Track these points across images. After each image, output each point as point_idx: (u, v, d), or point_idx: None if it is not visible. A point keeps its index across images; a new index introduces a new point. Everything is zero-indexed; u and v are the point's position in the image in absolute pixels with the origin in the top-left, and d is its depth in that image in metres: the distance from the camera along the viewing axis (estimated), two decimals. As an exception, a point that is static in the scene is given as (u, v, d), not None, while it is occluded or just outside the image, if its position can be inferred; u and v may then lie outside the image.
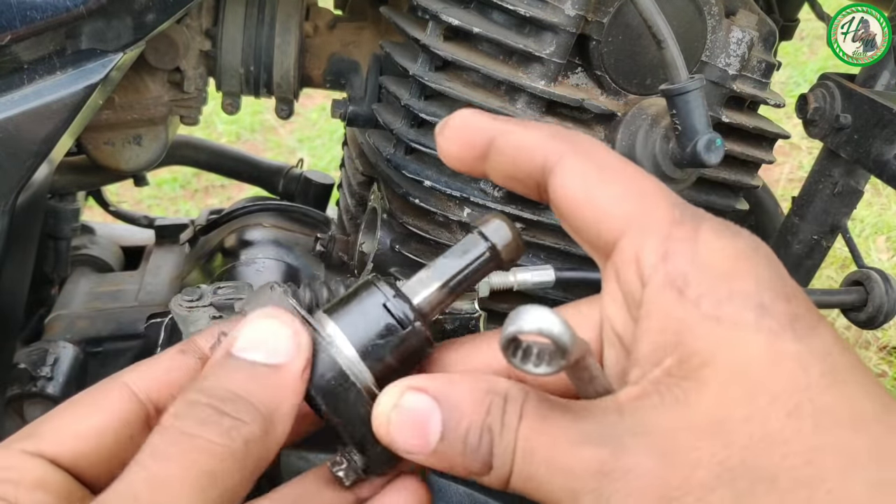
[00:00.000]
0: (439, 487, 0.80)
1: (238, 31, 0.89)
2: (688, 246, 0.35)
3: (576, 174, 0.37)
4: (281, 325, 0.38)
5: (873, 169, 0.80)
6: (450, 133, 0.40)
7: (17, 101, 0.61)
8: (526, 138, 0.39)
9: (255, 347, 0.38)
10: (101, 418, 0.40)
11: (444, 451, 0.36)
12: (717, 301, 0.33)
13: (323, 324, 0.41)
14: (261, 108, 3.14)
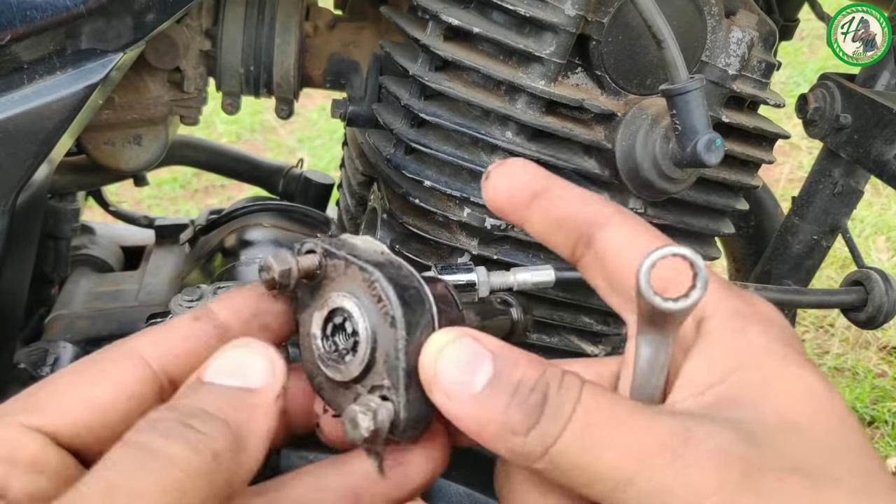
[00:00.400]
0: (439, 487, 0.80)
1: (238, 31, 0.89)
2: (743, 296, 0.38)
3: (626, 228, 0.40)
4: (253, 352, 0.37)
5: (873, 169, 0.80)
6: (509, 171, 0.42)
7: (17, 101, 0.61)
8: (583, 194, 0.41)
9: (228, 373, 0.37)
10: (109, 390, 0.37)
11: (488, 396, 0.34)
12: (771, 339, 0.36)
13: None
14: (261, 108, 3.15)
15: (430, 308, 0.39)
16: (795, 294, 0.82)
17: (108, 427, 0.37)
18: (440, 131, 0.73)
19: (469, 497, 0.80)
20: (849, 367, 2.09)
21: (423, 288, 0.39)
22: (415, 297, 0.39)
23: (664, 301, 0.32)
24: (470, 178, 0.73)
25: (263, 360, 0.37)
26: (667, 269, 0.32)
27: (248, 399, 0.36)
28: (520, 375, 0.34)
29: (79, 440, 0.36)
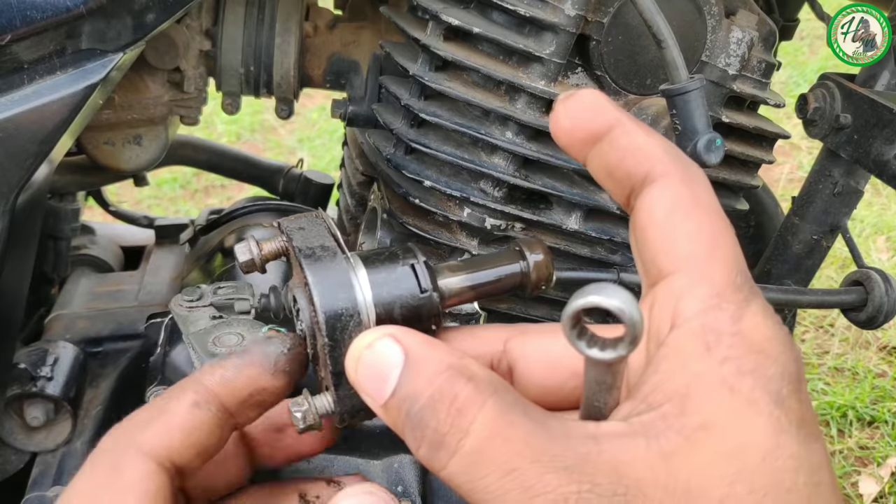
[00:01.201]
0: (439, 487, 0.80)
1: (238, 31, 0.89)
2: (734, 309, 0.34)
3: (669, 195, 0.36)
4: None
5: (873, 169, 0.80)
6: (573, 106, 0.39)
7: (17, 101, 0.61)
8: (644, 143, 0.38)
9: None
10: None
11: (392, 407, 0.35)
12: (739, 372, 0.32)
13: (355, 262, 0.42)
14: (261, 108, 3.15)
15: (362, 309, 0.40)
16: (795, 294, 0.82)
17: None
18: (440, 131, 0.73)
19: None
20: (849, 367, 2.10)
21: (354, 291, 0.40)
22: (344, 302, 0.40)
23: (588, 349, 0.31)
24: (470, 178, 0.73)
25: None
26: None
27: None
28: (417, 387, 0.34)
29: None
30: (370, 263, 0.42)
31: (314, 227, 0.43)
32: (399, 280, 0.42)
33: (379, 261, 0.42)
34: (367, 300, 0.40)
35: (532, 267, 0.43)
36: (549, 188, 0.71)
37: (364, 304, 0.40)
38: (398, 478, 0.78)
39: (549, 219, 0.73)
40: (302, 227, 0.43)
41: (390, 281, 0.41)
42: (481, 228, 0.73)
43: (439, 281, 0.43)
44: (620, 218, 0.75)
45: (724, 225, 0.37)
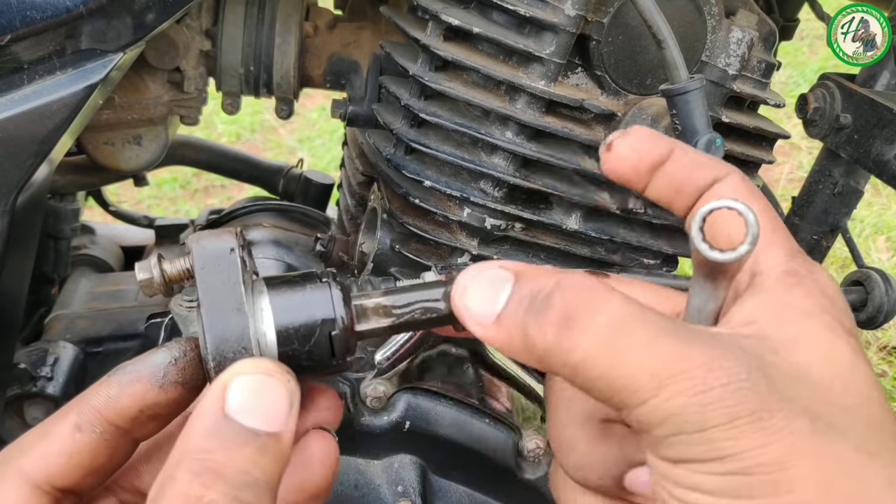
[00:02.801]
0: (439, 487, 0.80)
1: (238, 31, 0.89)
2: (807, 264, 0.39)
3: (733, 187, 0.41)
4: (279, 385, 0.36)
5: (873, 169, 0.80)
6: (635, 140, 0.42)
7: (17, 101, 0.61)
8: (702, 157, 0.43)
9: (253, 411, 0.35)
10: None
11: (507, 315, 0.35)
12: (819, 306, 0.37)
13: (258, 295, 0.39)
14: (261, 108, 3.15)
15: (253, 338, 0.38)
16: (795, 294, 0.82)
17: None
18: (440, 131, 0.73)
19: (469, 497, 0.80)
20: (849, 367, 2.09)
21: (247, 319, 0.38)
22: (235, 330, 0.38)
23: (710, 250, 0.33)
24: (470, 178, 0.73)
25: (286, 395, 0.36)
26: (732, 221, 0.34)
27: (277, 448, 0.35)
28: (538, 285, 0.35)
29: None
30: (277, 288, 0.40)
31: (222, 246, 0.40)
32: (306, 310, 0.39)
33: (287, 288, 0.40)
34: (261, 329, 0.38)
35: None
36: (549, 188, 0.71)
37: (260, 332, 0.38)
38: (398, 478, 0.78)
39: (549, 219, 0.73)
40: (207, 247, 0.40)
41: (296, 310, 0.39)
42: (481, 228, 0.73)
43: (358, 328, 0.40)
44: (620, 218, 0.75)
45: (776, 215, 0.42)
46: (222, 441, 0.34)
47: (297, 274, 0.41)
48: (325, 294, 0.40)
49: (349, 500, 0.77)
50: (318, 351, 0.39)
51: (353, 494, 0.77)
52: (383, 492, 0.77)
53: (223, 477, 0.33)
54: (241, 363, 0.36)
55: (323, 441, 0.42)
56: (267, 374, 0.36)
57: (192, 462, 0.33)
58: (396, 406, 0.78)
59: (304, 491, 0.41)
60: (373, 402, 0.77)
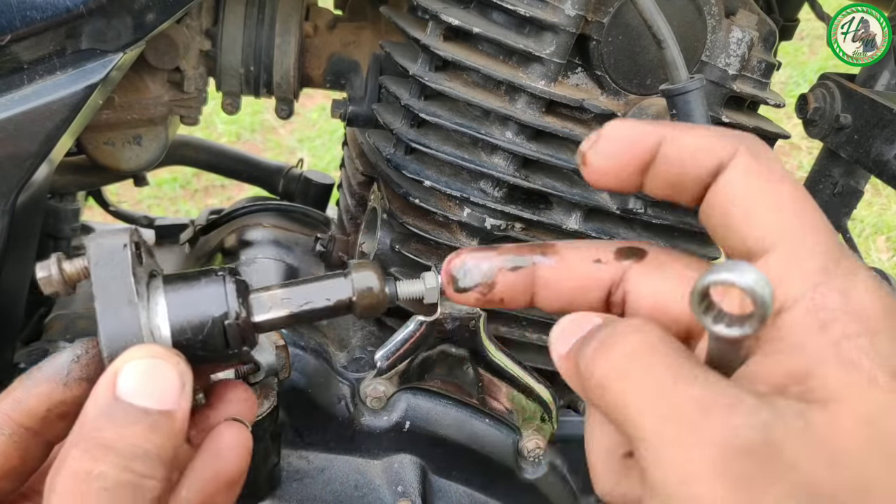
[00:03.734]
0: (439, 487, 0.80)
1: (238, 31, 0.89)
2: (843, 284, 0.32)
3: (740, 171, 0.35)
4: (169, 367, 0.37)
5: (873, 169, 0.80)
6: (607, 146, 0.37)
7: (17, 101, 0.61)
8: (699, 140, 0.36)
9: (143, 392, 0.36)
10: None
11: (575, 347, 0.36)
12: (858, 349, 0.31)
13: (154, 290, 0.41)
14: (261, 108, 3.15)
15: (146, 337, 0.39)
16: (795, 294, 0.82)
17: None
18: (440, 131, 0.73)
19: (469, 497, 0.80)
20: (849, 367, 2.09)
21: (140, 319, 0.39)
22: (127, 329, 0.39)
23: (714, 324, 0.30)
24: (470, 178, 0.73)
25: (176, 376, 0.37)
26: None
27: (170, 425, 0.36)
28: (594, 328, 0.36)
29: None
30: (173, 283, 0.41)
31: (115, 243, 0.41)
32: (200, 303, 0.40)
33: (183, 282, 0.41)
34: (155, 321, 0.40)
35: (359, 301, 0.42)
36: (549, 188, 0.71)
37: (153, 325, 0.40)
38: (398, 478, 0.78)
39: (549, 219, 0.73)
40: (101, 244, 0.41)
41: (190, 303, 0.40)
42: (481, 228, 0.73)
43: (256, 318, 0.42)
44: (620, 218, 0.75)
45: (802, 192, 0.35)
46: (113, 420, 0.35)
47: (195, 270, 0.42)
48: (219, 287, 0.41)
49: (349, 500, 0.77)
50: (212, 341, 0.41)
51: (353, 494, 0.77)
52: (383, 492, 0.77)
53: (113, 450, 0.34)
54: (132, 349, 0.38)
55: (234, 430, 0.43)
56: (156, 358, 0.37)
57: (83, 441, 0.35)
58: (396, 406, 0.78)
59: (219, 479, 0.42)
60: (373, 402, 0.77)
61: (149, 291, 0.41)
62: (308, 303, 0.43)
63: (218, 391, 0.45)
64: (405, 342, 0.74)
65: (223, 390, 0.45)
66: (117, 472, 0.34)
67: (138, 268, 0.41)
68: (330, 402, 0.78)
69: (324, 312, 0.43)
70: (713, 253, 0.81)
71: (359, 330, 0.86)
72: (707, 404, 0.30)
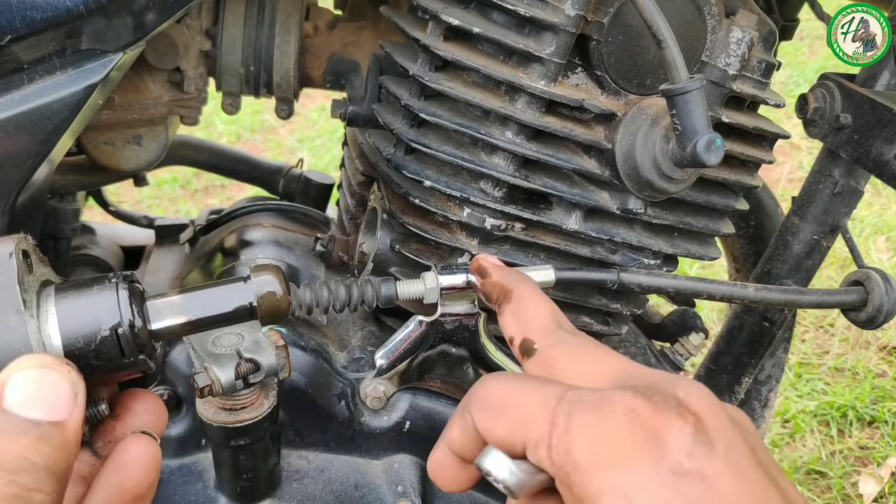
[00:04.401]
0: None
1: (238, 31, 0.89)
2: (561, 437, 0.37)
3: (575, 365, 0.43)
4: (59, 377, 0.36)
5: (873, 169, 0.80)
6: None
7: (17, 101, 0.61)
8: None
9: (33, 404, 0.35)
10: None
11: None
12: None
13: (45, 299, 0.40)
14: (261, 108, 3.15)
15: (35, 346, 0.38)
16: (795, 294, 0.82)
17: None
18: (440, 131, 0.72)
19: (469, 497, 0.80)
20: (849, 367, 2.10)
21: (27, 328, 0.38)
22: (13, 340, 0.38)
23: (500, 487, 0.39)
24: (470, 179, 0.73)
25: (67, 386, 0.36)
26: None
27: (61, 436, 0.35)
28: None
29: None
30: (65, 292, 0.40)
31: (3, 253, 0.40)
32: (91, 311, 0.39)
33: (75, 291, 0.40)
34: (45, 331, 0.38)
35: (261, 305, 0.42)
36: (549, 188, 0.71)
37: (44, 335, 0.38)
38: (398, 478, 0.78)
39: (549, 219, 0.73)
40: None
41: (81, 312, 0.39)
42: (481, 228, 0.73)
43: (154, 325, 0.41)
44: (620, 218, 0.75)
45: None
46: (0, 433, 0.34)
47: (88, 278, 0.41)
48: (111, 295, 0.40)
49: (349, 500, 0.76)
50: (105, 350, 0.40)
51: (353, 494, 0.77)
52: (383, 492, 0.77)
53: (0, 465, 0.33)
54: (20, 360, 0.37)
55: (140, 443, 0.43)
56: (45, 367, 0.36)
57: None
58: (396, 406, 0.78)
59: (125, 492, 0.41)
60: (373, 402, 0.77)
61: (39, 300, 0.39)
62: (206, 309, 0.42)
63: (124, 401, 0.44)
64: (405, 342, 0.74)
65: (130, 400, 0.44)
66: (2, 486, 0.33)
67: (27, 276, 0.39)
68: (330, 402, 0.77)
69: (224, 318, 0.42)
70: (713, 253, 0.81)
71: (359, 330, 0.86)
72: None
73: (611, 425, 0.34)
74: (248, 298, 0.42)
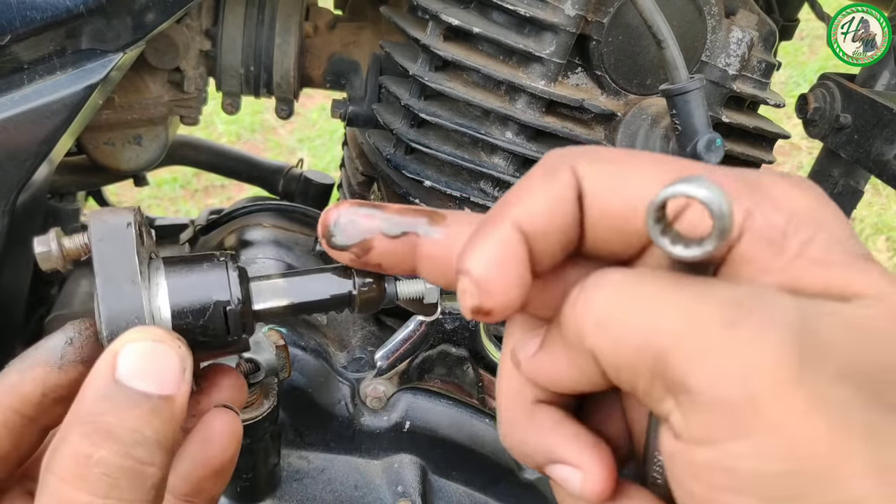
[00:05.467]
0: (439, 487, 0.80)
1: (238, 31, 0.89)
2: (769, 198, 0.30)
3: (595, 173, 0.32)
4: (170, 350, 0.36)
5: (873, 169, 0.80)
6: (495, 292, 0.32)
7: (17, 101, 0.61)
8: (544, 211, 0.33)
9: (144, 376, 0.35)
10: None
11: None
12: (822, 248, 0.30)
13: (155, 271, 0.40)
14: (261, 108, 3.15)
15: (147, 317, 0.38)
16: (795, 294, 0.82)
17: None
18: (440, 131, 0.73)
19: (469, 497, 0.80)
20: (849, 367, 2.09)
21: (141, 298, 0.38)
22: (129, 308, 0.38)
23: (672, 245, 0.28)
24: (470, 178, 0.73)
25: (178, 360, 0.37)
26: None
27: (170, 410, 0.36)
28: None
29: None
30: (174, 265, 0.40)
31: (119, 221, 0.40)
32: (202, 287, 0.40)
33: (185, 266, 0.40)
34: (155, 303, 0.39)
35: (358, 290, 0.42)
36: (549, 188, 0.71)
37: (154, 307, 0.39)
38: (398, 478, 0.78)
39: (549, 219, 0.73)
40: (104, 221, 0.40)
41: (191, 287, 0.40)
42: (481, 228, 0.73)
43: (256, 306, 0.41)
44: (620, 218, 0.75)
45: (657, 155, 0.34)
46: (113, 403, 0.35)
47: (196, 254, 0.42)
48: (222, 272, 0.40)
49: (349, 500, 0.77)
50: (212, 326, 0.40)
51: (353, 494, 0.77)
52: (383, 492, 0.77)
53: (113, 436, 0.34)
54: (132, 331, 0.37)
55: (225, 417, 0.43)
56: (157, 341, 0.37)
57: (83, 424, 0.34)
58: (396, 406, 0.78)
59: (208, 466, 0.42)
60: (373, 402, 0.77)
61: (149, 272, 0.40)
62: (308, 294, 0.42)
63: (209, 376, 0.45)
64: (405, 342, 0.74)
65: (214, 375, 0.45)
66: (118, 458, 0.34)
67: (141, 248, 0.40)
68: (330, 402, 0.78)
69: (323, 304, 0.42)
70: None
71: (359, 330, 0.86)
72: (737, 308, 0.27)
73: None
74: (348, 287, 0.42)
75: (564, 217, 0.32)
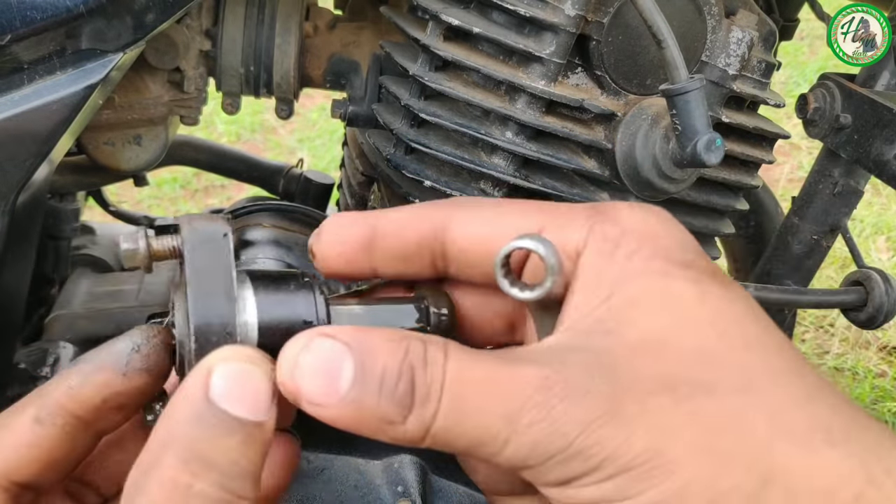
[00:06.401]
0: (439, 487, 0.80)
1: (238, 31, 0.89)
2: (610, 218, 0.37)
3: (472, 217, 0.39)
4: (262, 374, 0.35)
5: (873, 169, 0.80)
6: (328, 236, 0.42)
7: (17, 101, 0.61)
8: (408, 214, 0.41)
9: (237, 399, 0.34)
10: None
11: (357, 396, 0.33)
12: (645, 258, 0.36)
13: (242, 285, 0.39)
14: (261, 108, 3.15)
15: (240, 325, 0.37)
16: (795, 294, 0.82)
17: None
18: (440, 131, 0.73)
19: (469, 497, 0.80)
20: (849, 367, 2.10)
21: (234, 305, 0.37)
22: (219, 314, 0.37)
23: (519, 292, 0.35)
24: (470, 179, 0.73)
25: (269, 385, 0.35)
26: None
27: (261, 437, 0.34)
28: (382, 365, 0.33)
29: None
30: (261, 282, 0.40)
31: (216, 230, 0.40)
32: (289, 305, 0.39)
33: (271, 282, 0.40)
34: (242, 318, 0.38)
35: (433, 324, 0.42)
36: (549, 188, 0.71)
37: (241, 322, 0.38)
38: (398, 478, 0.78)
39: (549, 219, 0.73)
40: (199, 228, 0.40)
41: (279, 305, 0.39)
42: (481, 228, 0.73)
43: (332, 314, 0.40)
44: (620, 218, 0.75)
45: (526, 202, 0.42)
46: (209, 429, 0.33)
47: (280, 271, 0.41)
48: (309, 294, 0.40)
49: (349, 500, 0.77)
50: None
51: (353, 494, 0.77)
52: (383, 492, 0.77)
53: (213, 466, 0.32)
54: (226, 349, 0.36)
55: (286, 444, 0.42)
56: (251, 363, 0.35)
57: (180, 448, 0.33)
58: (396, 406, 0.78)
59: (267, 487, 0.41)
60: (373, 402, 0.77)
61: (238, 286, 0.39)
62: (384, 324, 0.41)
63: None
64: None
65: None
66: (217, 490, 0.32)
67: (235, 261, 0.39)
68: (330, 402, 0.77)
69: None
70: (713, 253, 0.81)
71: (359, 330, 0.86)
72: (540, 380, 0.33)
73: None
74: (422, 321, 0.42)
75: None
